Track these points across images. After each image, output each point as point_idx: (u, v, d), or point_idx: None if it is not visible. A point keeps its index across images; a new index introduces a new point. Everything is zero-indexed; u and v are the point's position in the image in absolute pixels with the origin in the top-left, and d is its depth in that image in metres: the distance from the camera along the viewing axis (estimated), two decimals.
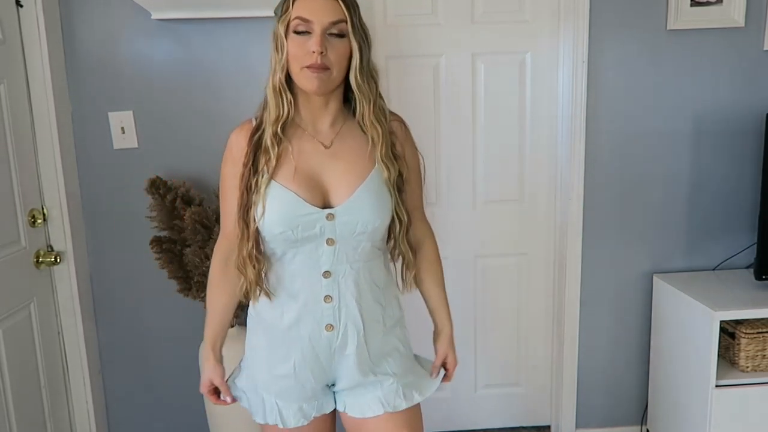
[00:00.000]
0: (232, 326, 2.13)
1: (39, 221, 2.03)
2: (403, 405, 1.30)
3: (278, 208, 1.18)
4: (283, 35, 1.16)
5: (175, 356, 2.30)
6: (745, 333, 1.97)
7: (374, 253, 1.27)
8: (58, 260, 2.06)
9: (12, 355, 1.88)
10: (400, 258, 1.32)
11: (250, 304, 1.33)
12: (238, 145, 1.24)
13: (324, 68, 1.14)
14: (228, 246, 1.30)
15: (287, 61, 1.17)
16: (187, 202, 2.01)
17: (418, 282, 1.38)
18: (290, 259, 1.23)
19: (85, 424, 2.22)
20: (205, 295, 2.03)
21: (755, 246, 2.07)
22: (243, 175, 1.21)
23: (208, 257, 1.95)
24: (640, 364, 2.39)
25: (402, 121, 1.32)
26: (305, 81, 1.16)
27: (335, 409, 1.36)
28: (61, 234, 2.09)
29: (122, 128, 2.13)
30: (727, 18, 2.12)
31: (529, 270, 2.42)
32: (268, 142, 1.19)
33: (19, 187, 1.93)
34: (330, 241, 1.21)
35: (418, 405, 1.34)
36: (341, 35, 1.15)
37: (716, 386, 1.94)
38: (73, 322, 2.15)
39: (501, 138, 2.30)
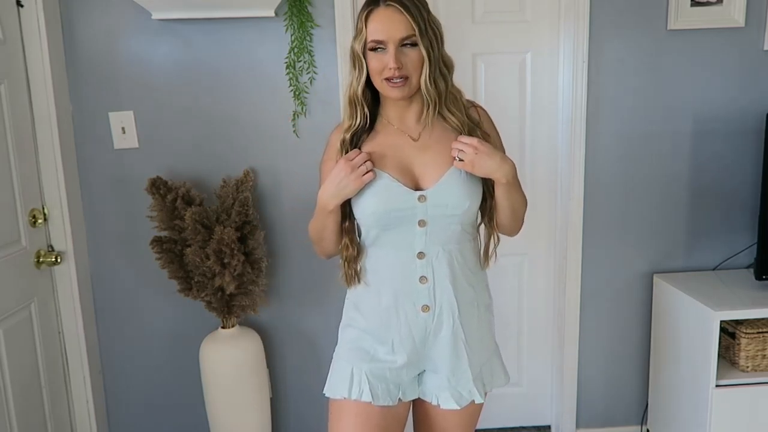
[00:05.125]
0: (236, 318, 2.14)
1: (39, 221, 2.03)
2: (480, 399, 1.35)
3: (373, 189, 1.27)
4: (360, 54, 1.26)
5: (175, 356, 2.30)
6: (746, 333, 1.97)
7: (464, 236, 1.34)
8: (59, 260, 2.06)
9: (12, 355, 1.88)
10: (488, 236, 1.40)
11: (349, 288, 1.41)
12: (334, 144, 1.35)
13: (403, 79, 1.24)
14: None
15: (368, 74, 1.27)
16: (188, 202, 2.01)
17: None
18: (385, 242, 1.32)
19: (86, 424, 2.22)
20: (205, 295, 2.05)
21: (755, 246, 2.07)
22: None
23: (208, 257, 1.95)
24: (640, 364, 2.39)
25: (478, 107, 1.41)
26: (388, 91, 1.27)
27: (409, 403, 1.40)
28: (61, 234, 2.09)
29: (123, 128, 2.13)
30: (727, 18, 2.12)
31: (529, 270, 2.42)
32: (338, 145, 1.32)
33: (19, 186, 1.93)
34: (422, 223, 1.29)
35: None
36: (413, 44, 1.24)
37: (716, 386, 1.94)
38: (73, 322, 2.15)
39: (501, 138, 2.29)
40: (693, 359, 2.03)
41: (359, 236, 1.37)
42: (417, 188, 1.29)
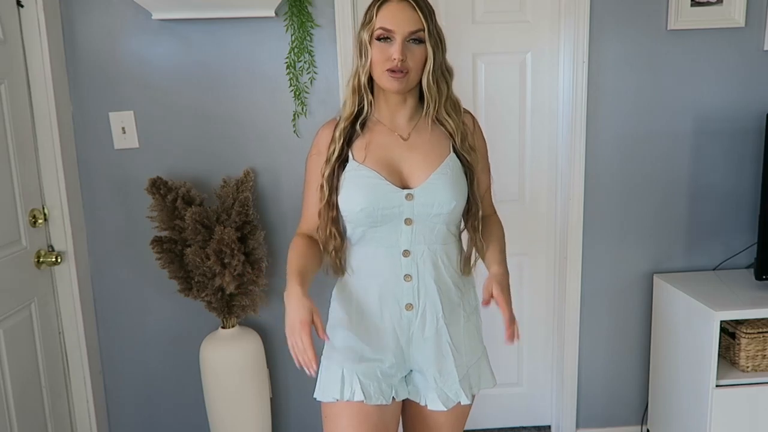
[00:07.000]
0: (237, 318, 2.14)
1: (40, 221, 2.03)
2: (466, 401, 1.35)
3: (362, 186, 1.30)
4: (367, 42, 1.28)
5: (175, 356, 2.30)
6: (746, 333, 1.97)
7: (449, 237, 1.36)
8: (59, 260, 2.06)
9: (13, 355, 1.88)
10: (470, 244, 1.39)
11: (335, 286, 1.42)
12: (323, 139, 1.37)
13: (404, 72, 1.26)
14: (306, 233, 1.41)
15: (370, 65, 1.28)
16: (188, 202, 2.01)
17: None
18: (372, 239, 1.33)
19: (86, 424, 2.22)
20: (205, 295, 2.05)
21: (755, 246, 2.07)
22: (328, 160, 1.33)
23: (208, 257, 1.95)
24: (640, 364, 2.40)
25: (472, 115, 1.43)
26: (387, 82, 1.28)
27: (401, 401, 1.40)
28: (61, 234, 2.09)
29: (123, 128, 2.13)
30: (727, 18, 2.13)
31: (529, 270, 2.42)
32: (336, 134, 1.33)
33: (19, 186, 1.93)
34: (408, 221, 1.31)
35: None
36: (419, 41, 1.27)
37: (716, 386, 1.95)
38: (73, 322, 2.15)
39: (501, 138, 2.30)
40: (693, 359, 2.03)
41: (345, 233, 1.38)
42: (404, 187, 1.31)
